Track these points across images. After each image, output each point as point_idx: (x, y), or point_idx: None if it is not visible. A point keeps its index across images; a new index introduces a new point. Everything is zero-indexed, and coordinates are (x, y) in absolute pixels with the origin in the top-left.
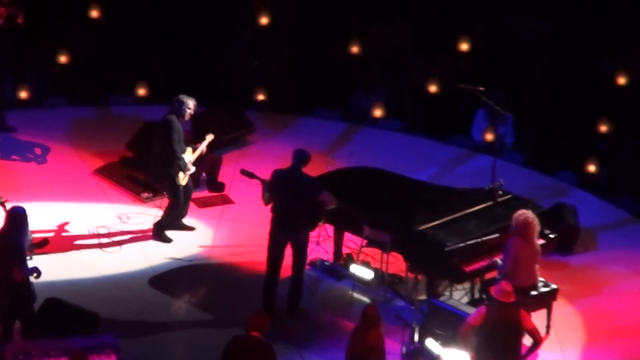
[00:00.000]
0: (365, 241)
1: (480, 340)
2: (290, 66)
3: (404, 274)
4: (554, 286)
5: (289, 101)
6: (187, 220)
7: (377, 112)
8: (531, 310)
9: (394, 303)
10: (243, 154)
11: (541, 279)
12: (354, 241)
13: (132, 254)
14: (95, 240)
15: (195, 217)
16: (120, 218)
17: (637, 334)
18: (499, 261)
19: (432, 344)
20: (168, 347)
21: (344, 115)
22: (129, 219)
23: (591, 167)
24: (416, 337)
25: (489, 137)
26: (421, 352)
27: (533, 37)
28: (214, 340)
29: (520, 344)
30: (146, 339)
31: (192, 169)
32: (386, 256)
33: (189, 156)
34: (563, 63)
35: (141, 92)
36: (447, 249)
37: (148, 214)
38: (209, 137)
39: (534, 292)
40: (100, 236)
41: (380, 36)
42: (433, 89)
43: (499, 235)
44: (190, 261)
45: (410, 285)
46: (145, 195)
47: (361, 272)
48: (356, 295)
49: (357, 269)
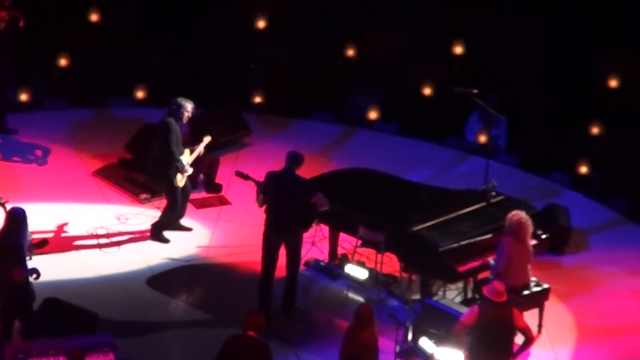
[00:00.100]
0: (360, 241)
1: (473, 339)
2: (287, 69)
3: (398, 274)
4: (546, 286)
5: (286, 103)
6: (184, 221)
7: (373, 114)
8: (523, 310)
9: (388, 302)
10: (240, 156)
11: (533, 278)
12: (349, 241)
13: (130, 254)
14: (94, 241)
15: (192, 218)
16: (119, 219)
17: (628, 333)
18: (491, 261)
19: (425, 343)
20: (166, 346)
21: (340, 117)
22: (127, 219)
23: (583, 169)
24: (410, 336)
25: (483, 139)
26: (415, 351)
27: (526, 41)
28: (211, 339)
29: (513, 343)
30: (144, 338)
31: (190, 171)
32: (381, 256)
33: (187, 158)
34: (555, 66)
35: (140, 94)
36: (441, 249)
37: (146, 215)
38: (207, 139)
39: (526, 292)
40: (99, 237)
41: (376, 39)
42: (428, 91)
43: (491, 235)
44: (188, 261)
45: (405, 285)
46: (143, 197)
47: (356, 272)
48: (351, 295)
49: (352, 269)
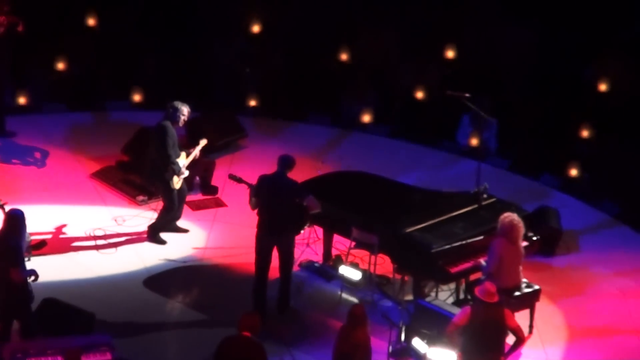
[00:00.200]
0: (353, 243)
1: (466, 339)
2: (282, 73)
3: (391, 275)
4: (536, 287)
5: (281, 107)
6: (181, 223)
7: (366, 118)
8: (515, 310)
9: (382, 303)
10: (236, 159)
11: (524, 280)
12: (343, 243)
13: (127, 256)
14: (92, 242)
15: (189, 219)
16: (116, 220)
17: (617, 333)
18: (483, 262)
19: (418, 343)
20: (162, 346)
21: (334, 120)
22: (124, 221)
23: (573, 171)
24: (403, 337)
25: (474, 142)
26: (407, 351)
27: (518, 45)
28: (207, 339)
29: (504, 343)
30: (141, 338)
31: (186, 173)
32: (374, 258)
33: (183, 160)
34: (547, 71)
35: (137, 98)
36: (433, 251)
37: (143, 217)
38: (203, 142)
39: (517, 293)
40: (96, 238)
41: (369, 44)
42: (420, 95)
43: (483, 237)
44: (184, 262)
45: (397, 286)
46: (140, 199)
47: (350, 273)
48: (345, 296)
49: (345, 270)
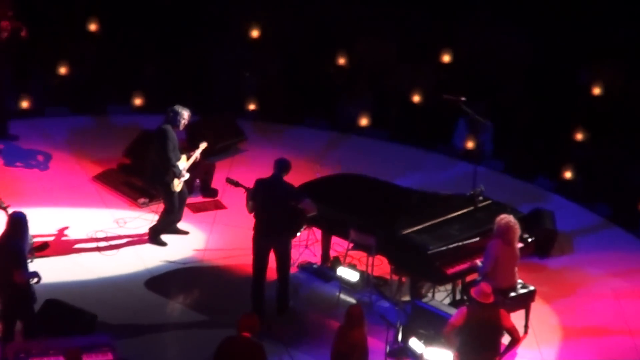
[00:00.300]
0: (351, 245)
1: (462, 339)
2: (280, 77)
3: (388, 276)
4: (532, 287)
5: (279, 111)
6: (181, 225)
7: (363, 121)
8: (510, 311)
9: (379, 304)
10: (235, 162)
11: (520, 280)
12: (341, 245)
13: (128, 257)
14: (94, 244)
15: (189, 221)
16: (117, 222)
17: (611, 332)
18: (479, 263)
19: (415, 343)
20: (163, 346)
21: (332, 124)
22: (126, 223)
23: (567, 174)
24: (400, 337)
25: (470, 145)
26: (405, 351)
27: (512, 50)
28: (207, 339)
29: (500, 343)
30: (142, 338)
31: (187, 176)
32: (371, 259)
33: (184, 163)
34: (541, 75)
35: (138, 102)
36: (430, 252)
37: (144, 219)
38: (203, 145)
39: (513, 294)
40: (98, 240)
41: (366, 48)
42: (417, 99)
43: (479, 239)
44: (185, 264)
45: (395, 287)
46: (141, 201)
47: (348, 274)
48: (343, 297)
49: (343, 272)
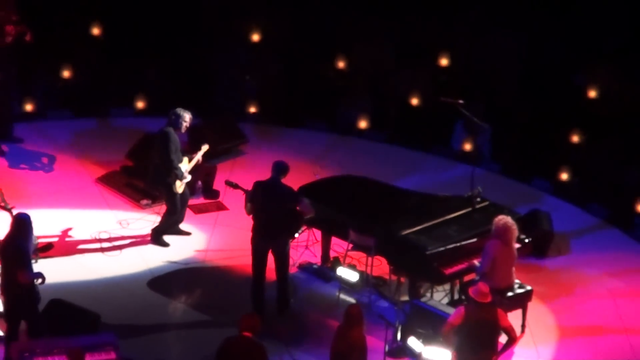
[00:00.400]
0: (351, 245)
1: (460, 339)
2: (281, 80)
3: (387, 277)
4: (529, 287)
5: (280, 113)
6: (183, 226)
7: (362, 124)
8: (507, 310)
9: (378, 304)
10: (236, 164)
11: (517, 280)
12: (341, 245)
13: (131, 258)
14: (97, 245)
15: (191, 222)
16: (120, 223)
17: (606, 332)
18: (477, 264)
19: (414, 342)
20: (165, 345)
21: (331, 126)
22: (128, 224)
23: (564, 176)
24: (399, 336)
25: (468, 147)
26: (403, 350)
27: (510, 53)
28: (209, 339)
29: (497, 342)
30: (144, 337)
31: (189, 178)
32: (371, 259)
33: (186, 165)
34: (538, 78)
35: (140, 105)
36: (428, 252)
37: (147, 220)
38: (204, 148)
39: (510, 293)
40: (101, 241)
41: (365, 52)
42: (415, 101)
43: (477, 239)
44: (187, 264)
45: (394, 287)
46: (144, 202)
47: (347, 274)
48: (342, 297)
49: (343, 272)
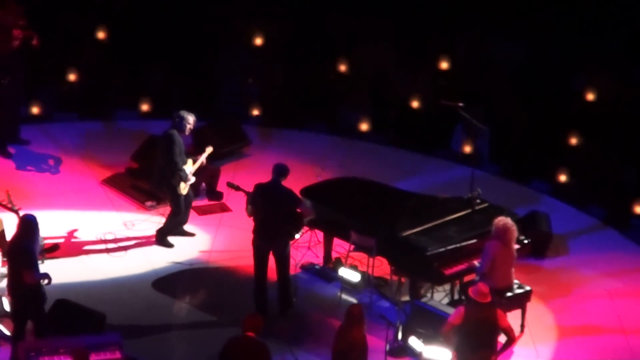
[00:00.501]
0: (352, 246)
1: (460, 338)
2: (283, 83)
3: (388, 277)
4: (528, 288)
5: (282, 116)
6: (187, 227)
7: (363, 126)
8: (507, 310)
9: (379, 304)
10: (240, 166)
11: (516, 281)
12: (343, 246)
13: (136, 259)
14: (102, 246)
15: (195, 224)
16: (125, 225)
17: (605, 332)
18: (476, 264)
19: (414, 342)
20: (169, 345)
21: (333, 129)
22: (133, 225)
23: (562, 177)
24: (400, 336)
25: (468, 149)
26: (404, 350)
27: (509, 57)
28: (213, 339)
29: (497, 341)
30: (149, 337)
31: (193, 179)
32: (372, 260)
33: (190, 167)
34: (536, 81)
35: (145, 107)
36: (429, 253)
37: (152, 221)
38: (208, 150)
39: (509, 294)
40: (107, 242)
41: (366, 55)
42: (415, 104)
43: (476, 240)
44: (191, 265)
45: (395, 287)
46: (149, 204)
47: (349, 275)
48: (344, 297)
49: (345, 272)
